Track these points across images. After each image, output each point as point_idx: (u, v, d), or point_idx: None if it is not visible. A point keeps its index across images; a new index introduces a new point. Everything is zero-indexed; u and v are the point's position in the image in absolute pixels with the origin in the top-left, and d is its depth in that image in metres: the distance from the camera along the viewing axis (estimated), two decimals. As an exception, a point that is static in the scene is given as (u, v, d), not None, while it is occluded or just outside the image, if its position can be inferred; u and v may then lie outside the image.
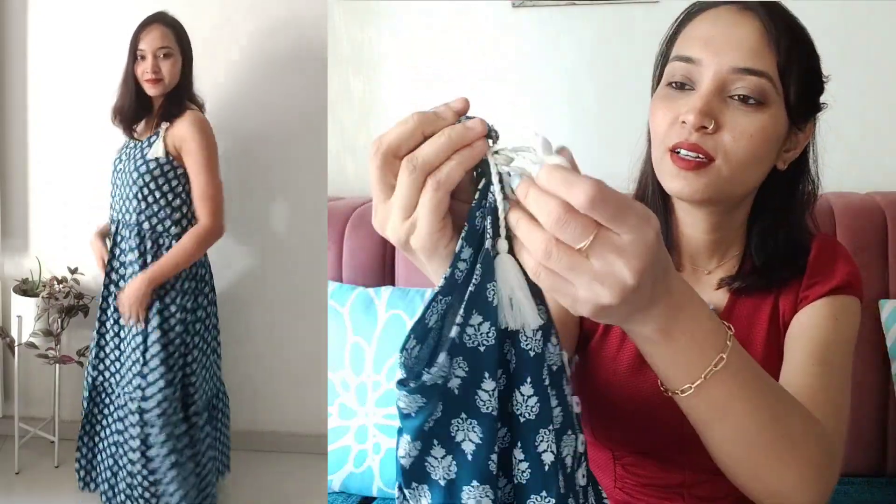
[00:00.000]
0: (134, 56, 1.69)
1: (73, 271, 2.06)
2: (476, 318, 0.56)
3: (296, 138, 2.18)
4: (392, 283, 1.90)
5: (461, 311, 0.56)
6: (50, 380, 2.07)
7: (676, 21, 0.99)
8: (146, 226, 1.68)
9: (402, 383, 0.56)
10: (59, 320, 1.99)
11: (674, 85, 0.93)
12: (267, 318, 2.14)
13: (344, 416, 1.73)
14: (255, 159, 2.18)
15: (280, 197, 2.22)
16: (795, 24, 0.93)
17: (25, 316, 2.03)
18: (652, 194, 1.01)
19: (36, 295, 2.02)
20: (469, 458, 0.58)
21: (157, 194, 1.67)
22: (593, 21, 2.07)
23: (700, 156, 0.88)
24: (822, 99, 0.98)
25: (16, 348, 2.04)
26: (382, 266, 1.90)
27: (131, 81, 1.70)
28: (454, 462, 0.58)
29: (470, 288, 0.56)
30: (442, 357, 0.55)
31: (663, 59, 0.98)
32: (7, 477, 2.10)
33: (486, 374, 0.57)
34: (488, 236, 0.56)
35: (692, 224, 1.00)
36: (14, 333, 2.03)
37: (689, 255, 1.03)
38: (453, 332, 0.55)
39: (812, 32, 0.94)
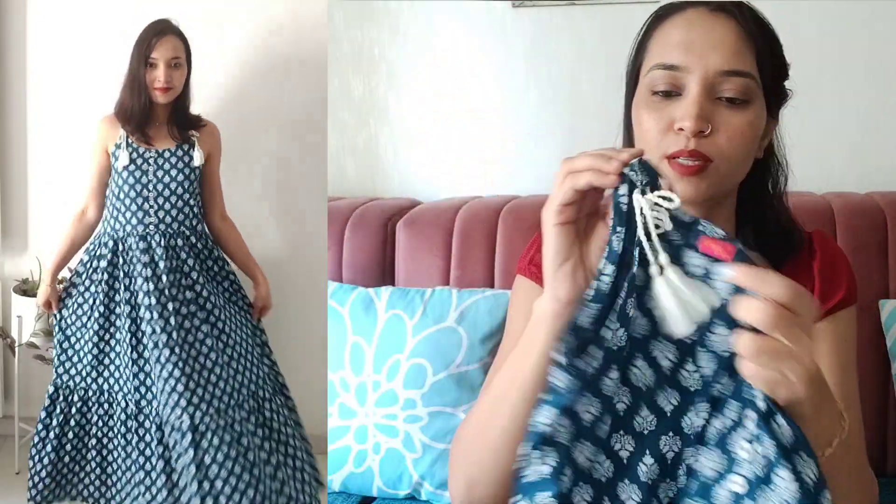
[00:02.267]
0: (145, 63, 1.72)
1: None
2: (615, 325, 0.69)
3: (296, 138, 2.19)
4: (392, 283, 1.90)
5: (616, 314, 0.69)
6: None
7: (644, 27, 0.99)
8: (200, 228, 1.84)
9: (561, 366, 0.68)
10: (59, 320, 1.99)
11: (659, 94, 0.92)
12: (267, 317, 2.14)
13: (344, 416, 1.73)
14: (254, 159, 2.18)
15: (280, 197, 2.22)
16: (762, 19, 0.95)
17: (25, 316, 2.03)
18: None
19: (36, 295, 2.02)
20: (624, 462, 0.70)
21: (197, 198, 1.83)
22: (593, 21, 2.06)
23: (699, 161, 0.89)
24: (788, 86, 1.00)
25: (16, 348, 2.04)
26: (382, 266, 1.90)
27: (142, 88, 1.74)
28: (610, 463, 0.69)
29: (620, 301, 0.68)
30: (592, 348, 0.68)
31: (635, 66, 0.98)
32: (7, 477, 2.10)
33: (614, 365, 0.69)
34: (635, 264, 0.67)
35: None
36: (14, 333, 2.03)
37: None
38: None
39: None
